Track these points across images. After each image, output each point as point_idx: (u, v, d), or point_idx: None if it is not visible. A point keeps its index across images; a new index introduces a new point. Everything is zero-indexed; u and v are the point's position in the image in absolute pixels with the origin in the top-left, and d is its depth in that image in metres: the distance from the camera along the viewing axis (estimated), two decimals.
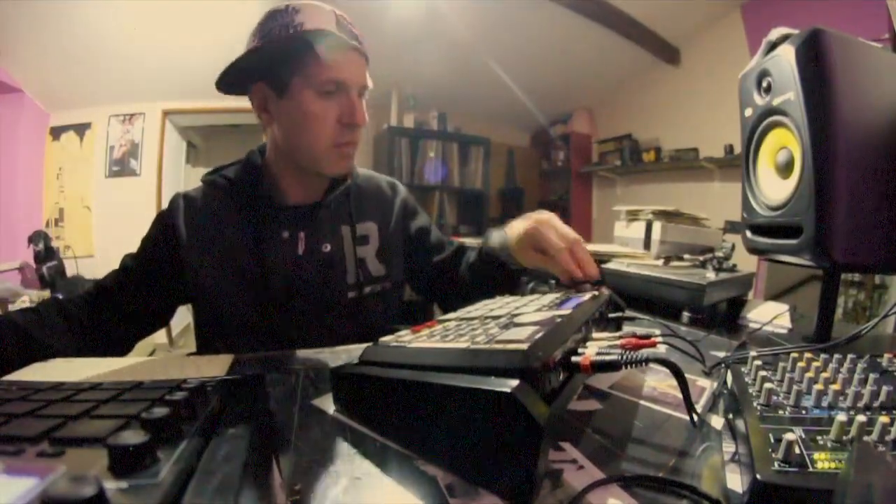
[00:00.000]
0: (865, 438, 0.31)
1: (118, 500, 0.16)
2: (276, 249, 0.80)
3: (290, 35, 0.70)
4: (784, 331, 0.77)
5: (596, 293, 0.58)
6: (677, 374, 0.37)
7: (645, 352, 0.36)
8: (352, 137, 0.77)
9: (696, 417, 0.42)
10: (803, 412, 0.36)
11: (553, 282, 1.36)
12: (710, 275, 0.93)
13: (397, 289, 0.93)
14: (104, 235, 3.65)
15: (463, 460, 0.32)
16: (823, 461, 0.29)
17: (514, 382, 0.28)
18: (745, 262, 1.05)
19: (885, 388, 0.36)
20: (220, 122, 4.22)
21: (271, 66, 0.73)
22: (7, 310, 2.39)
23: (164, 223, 0.82)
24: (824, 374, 0.41)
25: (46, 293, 2.56)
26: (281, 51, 0.71)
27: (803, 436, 0.32)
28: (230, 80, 0.76)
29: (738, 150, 0.73)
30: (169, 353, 3.88)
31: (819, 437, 0.32)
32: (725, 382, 0.48)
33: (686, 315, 0.88)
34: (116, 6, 2.71)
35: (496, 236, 0.82)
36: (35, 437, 0.21)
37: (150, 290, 0.80)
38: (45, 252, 2.79)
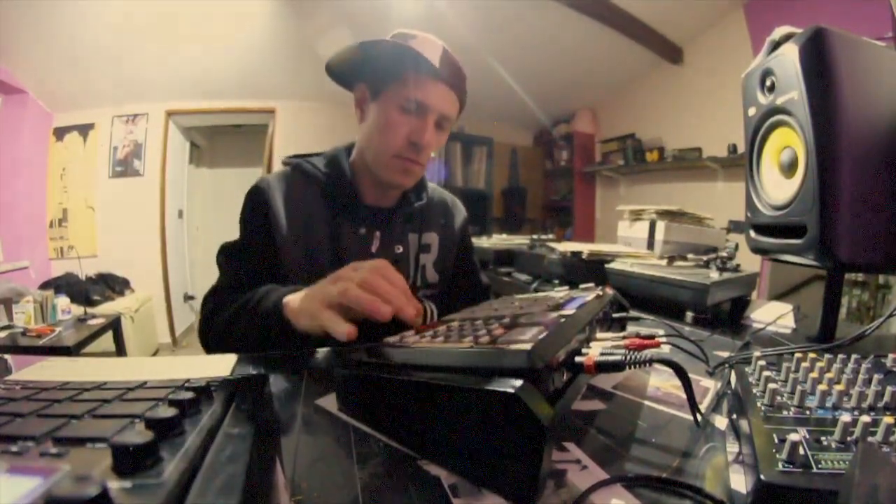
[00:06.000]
0: (870, 439, 0.30)
1: (122, 499, 0.16)
2: (352, 242, 0.86)
3: (391, 43, 0.77)
4: (788, 331, 0.77)
5: (600, 293, 0.58)
6: (681, 374, 0.37)
7: (648, 352, 0.36)
8: (415, 156, 0.81)
9: (699, 418, 0.41)
10: (807, 412, 0.36)
11: (556, 281, 1.36)
12: (714, 275, 0.93)
13: (441, 297, 0.99)
14: (108, 235, 3.67)
15: (466, 460, 0.32)
16: (828, 462, 0.29)
17: (518, 383, 0.28)
18: (749, 262, 1.04)
19: (889, 389, 0.36)
20: (224, 123, 4.23)
21: (374, 70, 0.81)
22: (11, 310, 2.40)
23: (255, 199, 0.85)
24: (828, 375, 0.41)
25: (49, 293, 2.57)
26: (384, 57, 0.78)
27: (807, 436, 0.32)
28: (340, 71, 0.83)
29: (741, 149, 0.72)
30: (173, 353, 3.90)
31: (823, 438, 0.31)
32: (729, 383, 0.48)
33: (690, 315, 0.88)
34: (120, 7, 2.72)
35: None
36: (39, 436, 0.21)
37: (264, 260, 0.82)
38: None
